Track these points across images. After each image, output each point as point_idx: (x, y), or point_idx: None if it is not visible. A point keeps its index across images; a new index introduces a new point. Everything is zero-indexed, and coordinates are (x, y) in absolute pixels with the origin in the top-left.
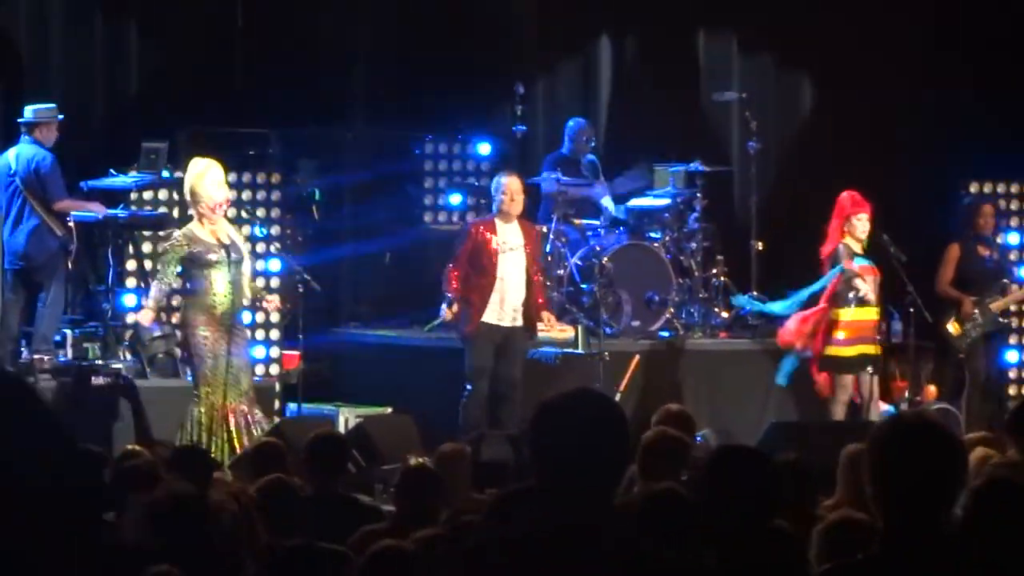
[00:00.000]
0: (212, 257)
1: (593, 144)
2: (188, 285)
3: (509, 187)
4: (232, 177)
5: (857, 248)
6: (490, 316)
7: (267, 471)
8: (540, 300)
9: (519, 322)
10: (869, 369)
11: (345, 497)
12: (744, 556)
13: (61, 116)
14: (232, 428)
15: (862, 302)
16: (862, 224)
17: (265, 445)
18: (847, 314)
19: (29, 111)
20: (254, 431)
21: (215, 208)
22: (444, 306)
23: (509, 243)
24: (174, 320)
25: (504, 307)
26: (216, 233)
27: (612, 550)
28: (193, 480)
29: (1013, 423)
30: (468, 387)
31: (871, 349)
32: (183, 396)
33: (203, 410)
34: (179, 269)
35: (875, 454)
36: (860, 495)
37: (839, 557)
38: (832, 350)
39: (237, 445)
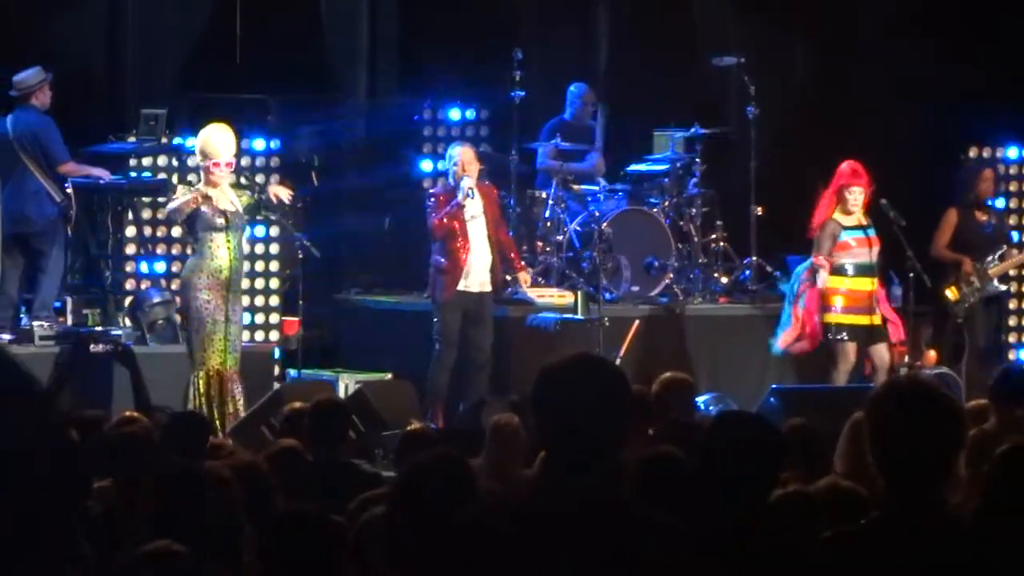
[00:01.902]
0: (219, 221)
1: (595, 109)
2: (196, 247)
3: (461, 158)
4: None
5: (849, 220)
6: (463, 284)
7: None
8: (512, 255)
9: (487, 288)
10: (883, 343)
11: (346, 464)
12: (746, 524)
13: (49, 74)
14: (227, 396)
15: (860, 271)
16: (854, 197)
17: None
18: (844, 283)
19: (18, 82)
20: (238, 400)
21: (220, 166)
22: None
23: (470, 211)
24: (174, 286)
25: (474, 274)
26: (219, 198)
27: (622, 517)
28: (189, 447)
29: (995, 391)
30: (437, 350)
31: (867, 319)
32: (183, 362)
33: (201, 375)
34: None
35: (872, 419)
36: (862, 464)
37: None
38: (830, 317)
39: (233, 411)
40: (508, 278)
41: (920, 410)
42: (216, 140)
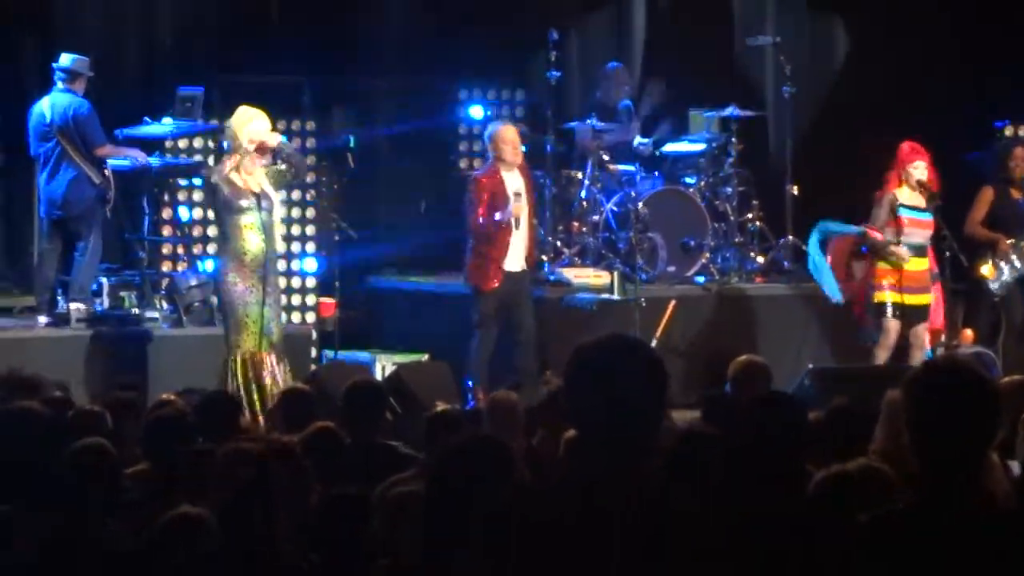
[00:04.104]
0: (243, 203)
1: (628, 89)
2: (220, 231)
3: (512, 138)
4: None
5: (916, 199)
6: (507, 264)
7: (298, 419)
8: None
9: (524, 266)
10: (926, 322)
11: (383, 445)
12: (776, 505)
13: (92, 73)
14: (267, 378)
15: (914, 251)
16: (919, 172)
17: (293, 393)
18: (896, 262)
19: (68, 59)
20: (281, 384)
21: (257, 147)
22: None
23: (514, 188)
24: (209, 268)
25: (513, 255)
26: (248, 182)
27: (650, 501)
28: (217, 428)
29: None
30: (477, 336)
31: (916, 299)
32: (219, 345)
33: (236, 359)
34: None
35: (909, 400)
36: (898, 444)
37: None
38: (879, 296)
39: (269, 395)
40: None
41: (957, 392)
42: (254, 125)
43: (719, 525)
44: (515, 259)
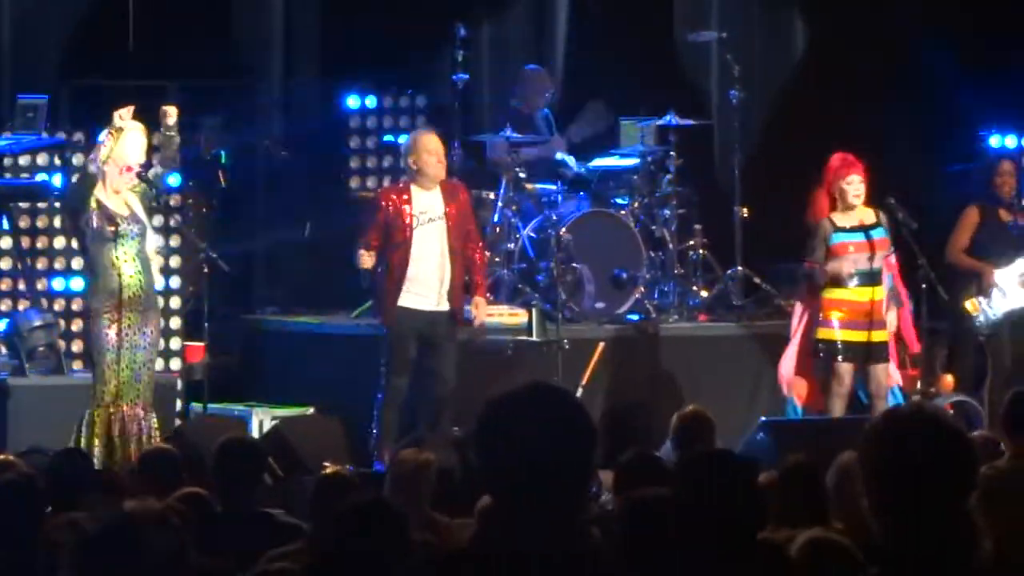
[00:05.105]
0: (109, 230)
1: (549, 96)
2: (88, 264)
3: (435, 147)
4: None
5: (847, 220)
6: (407, 300)
7: (162, 482)
8: (478, 278)
9: (444, 306)
10: (887, 363)
11: (261, 514)
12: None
13: None
14: (131, 435)
15: (865, 279)
16: (853, 188)
17: (156, 453)
18: (842, 293)
19: None
20: (150, 440)
21: (123, 171)
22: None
23: (428, 213)
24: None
25: (424, 288)
26: (115, 202)
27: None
28: (72, 493)
29: (1008, 419)
30: (383, 384)
31: (865, 335)
32: (68, 396)
33: (97, 413)
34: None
35: (866, 456)
36: (855, 512)
37: None
38: (824, 333)
39: (130, 452)
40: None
41: (922, 445)
42: (127, 140)
43: None
44: (423, 292)
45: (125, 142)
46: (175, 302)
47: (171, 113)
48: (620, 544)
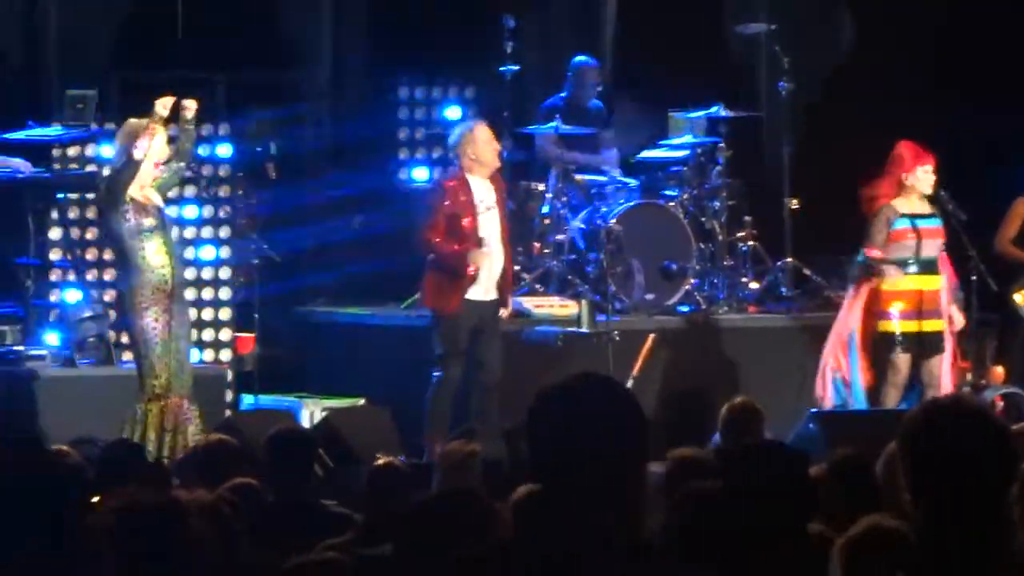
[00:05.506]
0: (147, 222)
1: (600, 88)
2: (125, 258)
3: (491, 137)
4: (172, 130)
5: (921, 206)
6: (474, 291)
7: (215, 474)
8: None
9: (492, 295)
10: (943, 353)
11: (312, 503)
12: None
13: None
14: (182, 426)
15: (924, 267)
16: (928, 177)
17: (213, 444)
18: (904, 283)
19: None
20: (191, 429)
21: (157, 166)
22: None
23: (485, 202)
24: (107, 298)
25: (482, 278)
26: (145, 195)
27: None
28: (121, 484)
29: None
30: (438, 374)
31: (935, 325)
32: (118, 387)
33: (149, 407)
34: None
35: (905, 448)
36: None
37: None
38: (884, 325)
39: (181, 444)
40: None
41: (962, 437)
42: (163, 138)
43: None
44: (485, 283)
45: (160, 139)
46: (225, 293)
47: (191, 107)
48: (671, 537)
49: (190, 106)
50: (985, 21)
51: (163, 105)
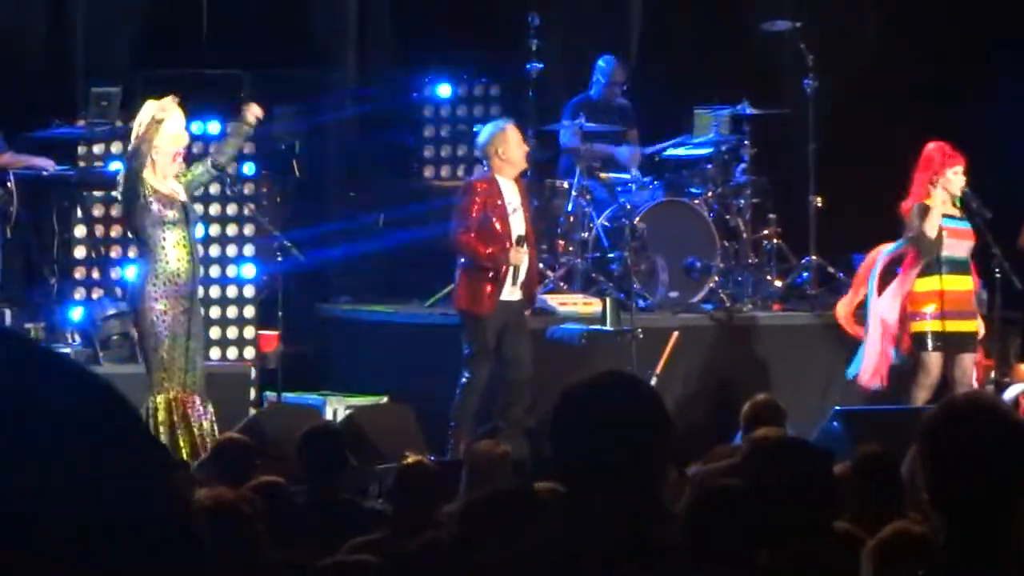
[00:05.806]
0: (170, 214)
1: (625, 87)
2: (144, 247)
3: (520, 139)
4: (197, 127)
5: (949, 207)
6: (505, 292)
7: (237, 473)
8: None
9: (519, 294)
10: (971, 354)
11: (345, 500)
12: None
13: None
14: (195, 423)
15: (954, 268)
16: (959, 179)
17: (229, 442)
18: (937, 283)
19: None
20: (204, 425)
21: (175, 157)
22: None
23: (513, 203)
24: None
25: (516, 280)
26: (171, 189)
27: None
28: None
29: None
30: (467, 375)
31: (962, 326)
32: (142, 385)
33: (160, 401)
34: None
35: (924, 446)
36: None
37: None
38: (917, 326)
39: (198, 441)
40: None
41: (980, 435)
42: (171, 125)
43: None
44: (514, 284)
45: (168, 128)
46: (249, 291)
47: (257, 112)
48: (692, 535)
49: (256, 111)
50: (1009, 21)
51: (160, 107)
